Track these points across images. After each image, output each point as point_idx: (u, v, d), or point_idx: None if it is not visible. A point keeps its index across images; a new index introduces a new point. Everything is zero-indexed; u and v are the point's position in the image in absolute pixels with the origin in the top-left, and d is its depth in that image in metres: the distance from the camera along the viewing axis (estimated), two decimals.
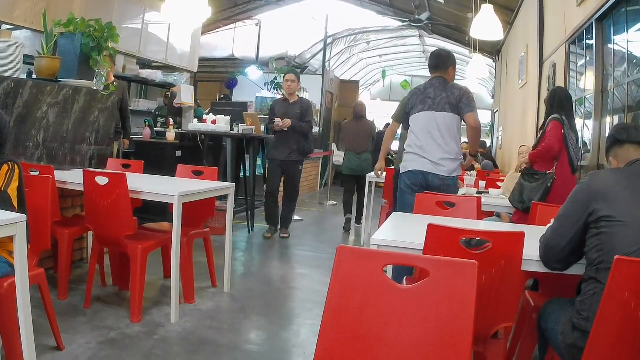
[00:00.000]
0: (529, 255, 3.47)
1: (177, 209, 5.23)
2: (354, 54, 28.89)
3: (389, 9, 20.90)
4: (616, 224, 3.04)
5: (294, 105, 10.23)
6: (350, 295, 2.57)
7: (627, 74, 7.31)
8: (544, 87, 11.56)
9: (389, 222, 4.56)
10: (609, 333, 2.82)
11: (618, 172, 3.40)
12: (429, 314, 2.50)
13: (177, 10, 8.81)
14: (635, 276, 2.75)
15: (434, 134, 6.11)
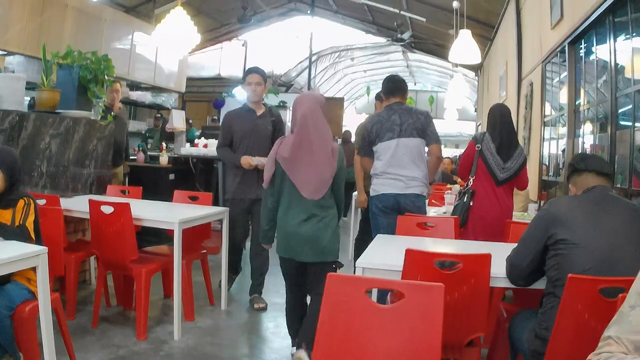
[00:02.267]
0: (496, 273, 3.86)
1: (177, 235, 5.57)
2: (338, 70, 29.13)
3: (373, 27, 21.17)
4: (572, 246, 3.40)
5: (263, 120, 7.07)
6: (339, 316, 2.98)
7: (597, 95, 7.71)
8: (522, 105, 11.92)
9: (374, 245, 4.89)
10: (565, 340, 3.26)
11: (576, 198, 3.75)
12: (403, 330, 2.91)
13: (167, 37, 9.13)
14: (587, 291, 3.18)
15: (403, 159, 6.32)
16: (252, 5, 18.14)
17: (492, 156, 6.29)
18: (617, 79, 6.80)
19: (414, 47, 21.90)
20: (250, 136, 7.12)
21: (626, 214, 3.53)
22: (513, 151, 6.38)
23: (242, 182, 7.14)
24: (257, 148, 7.08)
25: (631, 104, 6.25)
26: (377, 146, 6.42)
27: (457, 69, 21.07)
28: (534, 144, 10.86)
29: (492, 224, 6.18)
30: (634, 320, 1.97)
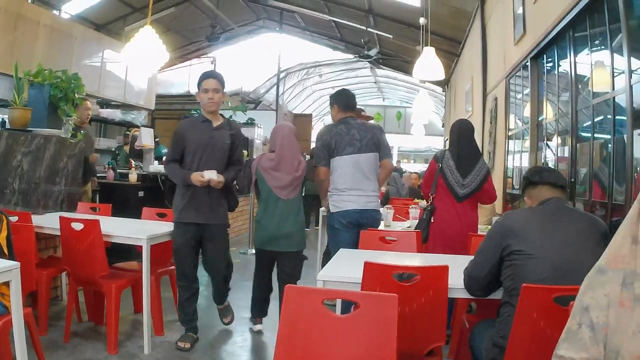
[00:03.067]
0: (454, 284, 3.94)
1: (145, 251, 5.62)
2: (306, 87, 29.17)
3: (340, 43, 21.30)
4: (527, 257, 3.49)
5: (220, 132, 6.11)
6: (298, 326, 3.05)
7: (558, 108, 7.86)
8: (487, 120, 12.10)
9: (336, 259, 4.97)
10: (521, 348, 3.35)
11: (530, 210, 3.85)
12: (360, 339, 2.99)
13: (137, 55, 9.16)
14: (542, 300, 3.27)
15: (364, 174, 6.42)
16: (221, 23, 18.20)
17: (451, 174, 6.38)
18: (577, 92, 6.94)
19: (381, 64, 22.07)
20: (204, 150, 5.97)
21: (581, 224, 3.61)
22: (473, 167, 6.44)
23: (190, 203, 5.97)
24: (212, 164, 5.94)
25: (597, 115, 6.38)
26: (337, 159, 6.46)
27: (424, 85, 21.21)
28: (499, 158, 11.01)
29: (454, 239, 6.25)
30: (583, 337, 2.06)
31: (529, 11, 8.47)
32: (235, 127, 6.38)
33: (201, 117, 6.20)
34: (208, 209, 6.03)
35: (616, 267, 2.06)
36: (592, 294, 2.08)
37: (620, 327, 2.00)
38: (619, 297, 2.02)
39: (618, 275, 2.04)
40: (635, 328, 1.97)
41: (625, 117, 5.27)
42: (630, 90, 5.17)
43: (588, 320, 2.06)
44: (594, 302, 2.06)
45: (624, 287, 2.02)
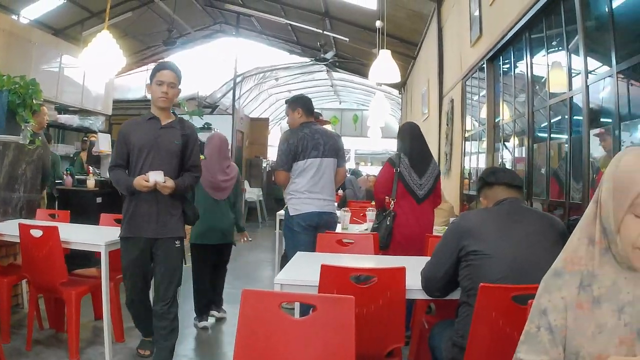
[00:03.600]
0: (412, 285, 3.96)
1: (104, 257, 5.55)
2: (263, 91, 29.11)
3: (297, 47, 21.29)
4: (484, 257, 3.50)
5: (169, 132, 5.38)
6: (256, 329, 3.05)
7: (515, 109, 7.91)
8: (444, 121, 12.17)
9: (293, 262, 4.96)
10: (481, 346, 3.38)
11: (486, 211, 3.88)
12: (318, 341, 3.01)
13: (94, 60, 9.10)
14: (500, 299, 3.29)
15: (324, 178, 6.54)
16: (178, 27, 18.10)
17: (409, 176, 6.42)
18: (534, 93, 7.00)
19: (337, 67, 22.06)
20: (149, 151, 5.24)
21: (537, 224, 3.64)
22: (427, 166, 6.56)
23: (136, 213, 5.29)
24: (158, 168, 5.15)
25: (554, 116, 6.43)
26: (302, 162, 6.50)
27: (381, 87, 21.25)
28: (456, 159, 11.07)
29: (415, 243, 6.26)
30: (542, 340, 2.06)
31: (486, 13, 8.51)
32: (189, 128, 5.55)
33: (148, 114, 5.45)
34: (156, 221, 5.26)
35: (572, 269, 2.06)
36: (549, 297, 2.08)
37: (579, 329, 2.01)
38: (576, 300, 2.03)
39: (575, 277, 2.05)
40: (594, 329, 1.99)
41: (582, 117, 5.32)
42: (587, 90, 5.21)
43: (546, 323, 2.06)
44: (551, 305, 2.07)
45: (582, 290, 2.03)
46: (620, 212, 1.95)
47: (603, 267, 2.02)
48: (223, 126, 19.67)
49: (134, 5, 16.15)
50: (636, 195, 1.90)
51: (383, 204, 6.54)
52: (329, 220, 6.66)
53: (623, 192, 1.93)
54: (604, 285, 2.01)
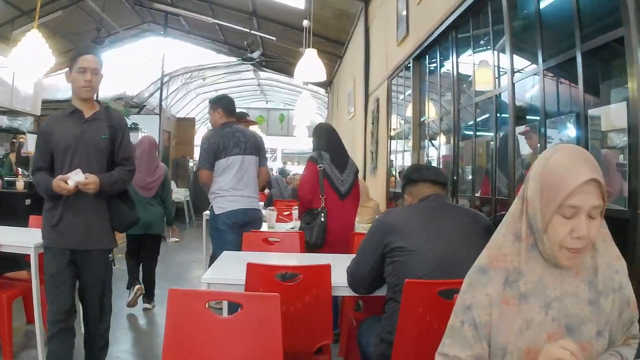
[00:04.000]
0: (338, 283, 3.95)
1: (34, 259, 5.34)
2: (190, 90, 28.89)
3: (224, 46, 21.17)
4: (408, 253, 3.48)
5: (94, 125, 4.63)
6: (183, 328, 2.99)
7: (441, 107, 7.95)
8: (369, 120, 12.20)
9: (219, 261, 4.90)
10: (409, 342, 3.36)
11: (410, 208, 3.86)
12: (244, 338, 2.98)
13: (23, 60, 8.93)
14: (426, 294, 3.29)
15: (247, 175, 6.61)
16: (107, 27, 17.84)
17: (332, 172, 6.45)
18: (459, 91, 7.04)
19: (264, 66, 22.01)
20: (75, 149, 4.48)
21: (462, 219, 3.65)
22: (346, 162, 6.63)
23: (60, 221, 4.52)
24: (86, 167, 4.43)
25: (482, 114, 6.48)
26: (224, 160, 6.55)
27: (307, 87, 21.25)
28: (381, 158, 11.11)
29: (344, 238, 6.28)
30: (467, 335, 2.06)
31: (413, 12, 8.52)
32: (117, 117, 4.75)
33: (69, 107, 4.62)
34: (82, 229, 4.49)
35: (497, 266, 2.07)
36: (473, 293, 2.09)
37: (505, 324, 2.01)
38: (502, 296, 2.03)
39: (500, 274, 2.05)
40: (522, 325, 1.99)
41: (508, 114, 5.35)
42: (512, 87, 5.25)
43: (470, 318, 2.07)
44: (475, 301, 2.07)
45: (507, 286, 2.04)
46: (548, 212, 1.95)
47: (529, 263, 2.03)
48: (150, 126, 19.43)
49: (64, 3, 15.85)
50: (564, 197, 1.90)
51: (308, 204, 6.51)
52: (255, 217, 6.73)
53: (551, 193, 1.93)
54: (531, 281, 2.02)
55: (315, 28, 11.84)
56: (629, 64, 3.35)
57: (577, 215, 1.91)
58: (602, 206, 1.94)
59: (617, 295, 2.06)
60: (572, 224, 1.92)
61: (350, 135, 15.02)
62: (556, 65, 4.47)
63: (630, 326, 2.13)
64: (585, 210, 1.91)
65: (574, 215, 1.92)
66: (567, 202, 1.90)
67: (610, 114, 3.80)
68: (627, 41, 3.37)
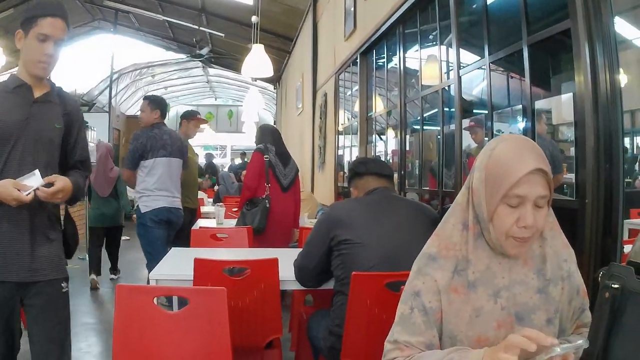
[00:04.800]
0: (286, 277, 3.92)
1: None
2: (139, 88, 28.66)
3: (173, 43, 21.05)
4: (355, 245, 3.45)
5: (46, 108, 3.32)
6: (132, 324, 2.92)
7: (387, 102, 7.94)
8: (317, 115, 12.21)
9: (168, 258, 4.84)
10: (357, 334, 3.34)
11: (356, 201, 3.83)
12: (193, 333, 2.92)
13: None
14: (373, 287, 3.27)
15: (171, 176, 6.82)
16: None
17: (277, 164, 6.58)
18: (406, 85, 7.03)
19: (213, 63, 21.93)
20: (17, 139, 3.18)
21: (408, 212, 3.64)
22: (289, 160, 6.80)
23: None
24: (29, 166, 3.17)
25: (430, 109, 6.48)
26: (150, 161, 6.68)
27: (255, 83, 21.20)
28: (329, 153, 11.09)
29: (284, 227, 6.57)
30: (417, 321, 2.01)
31: (360, 7, 8.49)
32: (73, 104, 3.53)
33: (14, 80, 3.27)
34: (30, 255, 3.17)
35: (447, 254, 2.03)
36: (422, 279, 2.04)
37: (455, 313, 1.98)
38: (451, 284, 2.00)
39: (449, 262, 2.02)
40: (472, 313, 1.96)
41: (455, 107, 5.34)
42: (459, 81, 5.25)
43: (420, 304, 2.02)
44: (425, 287, 2.03)
45: (456, 274, 2.00)
46: (493, 202, 1.91)
47: (477, 252, 2.00)
48: (100, 124, 19.29)
49: (15, 1, 15.61)
50: (509, 187, 1.87)
51: (253, 192, 6.55)
52: (178, 215, 6.98)
53: (496, 182, 1.90)
54: (479, 270, 1.99)
55: (263, 24, 11.82)
56: (576, 57, 3.33)
57: (523, 205, 1.88)
58: (548, 196, 1.91)
59: (566, 283, 2.03)
60: (518, 213, 1.89)
61: (298, 130, 15.03)
62: (504, 58, 4.47)
63: (580, 314, 2.10)
64: (531, 200, 1.88)
65: (519, 205, 1.89)
66: (512, 191, 1.87)
67: (559, 106, 3.79)
68: (574, 34, 3.34)
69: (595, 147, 3.22)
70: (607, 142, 3.19)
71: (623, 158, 3.24)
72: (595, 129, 3.21)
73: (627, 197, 3.26)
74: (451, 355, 1.88)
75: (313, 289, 4.03)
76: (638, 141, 3.94)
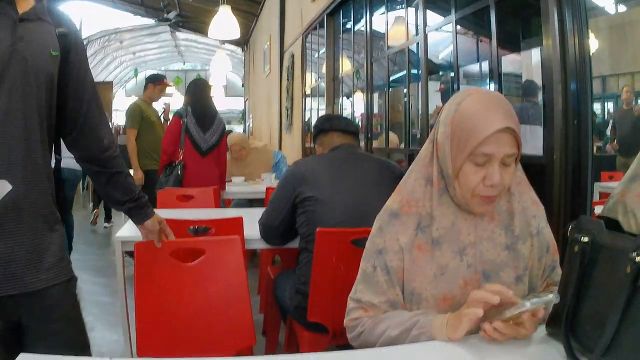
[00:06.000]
0: (250, 235, 3.88)
1: None
2: (108, 54, 28.47)
3: (141, 8, 20.79)
4: (319, 202, 3.39)
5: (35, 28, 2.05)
6: (151, 279, 2.84)
7: (354, 62, 7.87)
8: (284, 77, 12.14)
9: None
10: (323, 292, 3.26)
11: (321, 157, 3.75)
12: (210, 283, 2.89)
13: None
14: (338, 243, 3.20)
15: None
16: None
17: (195, 129, 6.45)
18: (372, 45, 6.98)
19: (181, 27, 21.70)
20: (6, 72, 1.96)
21: (374, 168, 3.57)
22: (212, 122, 6.59)
23: None
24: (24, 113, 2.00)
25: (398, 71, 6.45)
26: None
27: (224, 46, 21.04)
28: (297, 114, 11.07)
29: None
30: (379, 280, 1.97)
31: None
32: (70, 24, 2.30)
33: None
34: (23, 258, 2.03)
35: (409, 211, 1.97)
36: (384, 237, 1.99)
37: (419, 270, 1.92)
38: (414, 241, 1.94)
39: (412, 219, 1.95)
40: (436, 271, 1.90)
41: (420, 66, 5.30)
42: (425, 38, 5.20)
43: (382, 263, 1.97)
44: (387, 245, 1.97)
45: (420, 231, 1.94)
46: (459, 159, 1.84)
47: (441, 207, 1.93)
48: None
49: None
50: (477, 144, 1.79)
51: (170, 156, 6.49)
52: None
53: (462, 139, 1.82)
54: (443, 227, 1.92)
55: None
56: (544, 20, 3.31)
57: (490, 163, 1.81)
58: (516, 154, 1.84)
59: (536, 240, 1.97)
60: (484, 172, 1.82)
61: (266, 93, 14.98)
62: (472, 21, 4.45)
63: (551, 272, 2.05)
64: (498, 158, 1.80)
65: (486, 163, 1.81)
66: (479, 149, 1.79)
67: (529, 70, 3.76)
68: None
69: (564, 110, 3.21)
70: (576, 105, 3.18)
71: (591, 119, 3.23)
72: (564, 93, 3.20)
73: (597, 160, 3.26)
74: (416, 318, 1.84)
75: (279, 247, 3.97)
76: (609, 107, 3.95)
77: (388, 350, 1.82)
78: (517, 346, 1.71)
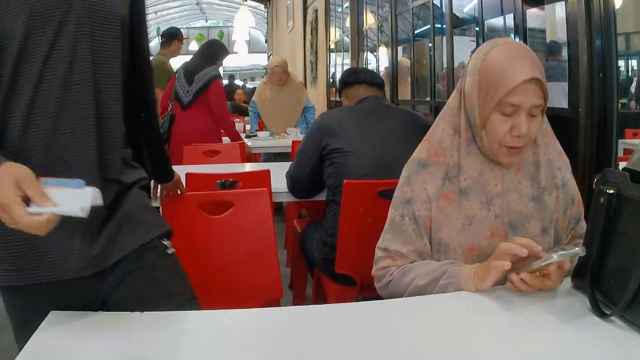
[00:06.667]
0: (277, 188, 3.85)
1: None
2: None
3: None
4: (346, 154, 3.39)
5: None
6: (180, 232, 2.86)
7: (378, 15, 7.84)
8: (308, 32, 12.10)
9: None
10: (351, 244, 3.25)
11: (347, 109, 3.75)
12: (239, 235, 2.89)
13: None
14: (365, 195, 3.19)
15: None
16: None
17: (180, 83, 6.42)
18: (397, 2, 6.95)
19: None
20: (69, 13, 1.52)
21: (400, 120, 3.56)
22: (196, 72, 6.44)
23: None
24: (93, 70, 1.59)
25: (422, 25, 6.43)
26: None
27: (246, 2, 20.95)
28: (321, 69, 11.07)
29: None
30: (407, 229, 1.97)
31: None
32: None
33: None
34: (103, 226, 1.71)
35: (437, 160, 1.97)
36: (412, 186, 1.99)
37: (446, 220, 1.92)
38: (442, 191, 1.94)
39: (440, 168, 1.96)
40: (464, 221, 1.91)
41: (445, 20, 5.28)
42: None
43: (410, 212, 1.97)
44: (414, 195, 1.98)
45: (447, 181, 1.95)
46: (486, 109, 1.83)
47: (468, 157, 1.94)
48: None
49: None
50: (504, 94, 1.77)
51: (163, 110, 6.46)
52: None
53: (489, 89, 1.80)
54: (471, 177, 1.93)
55: None
56: None
57: (517, 113, 1.80)
58: (543, 105, 1.83)
59: (561, 192, 1.97)
60: (511, 122, 1.81)
61: (289, 48, 14.90)
62: None
63: (576, 224, 2.05)
64: (526, 109, 1.79)
65: (513, 113, 1.80)
66: (506, 100, 1.78)
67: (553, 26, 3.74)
68: None
69: (589, 64, 3.19)
70: (601, 60, 3.16)
71: (617, 74, 3.22)
72: (589, 48, 3.18)
73: (622, 117, 3.24)
74: (444, 268, 1.85)
75: (306, 200, 4.00)
76: (633, 64, 3.93)
77: (416, 300, 1.84)
78: (543, 298, 1.71)
